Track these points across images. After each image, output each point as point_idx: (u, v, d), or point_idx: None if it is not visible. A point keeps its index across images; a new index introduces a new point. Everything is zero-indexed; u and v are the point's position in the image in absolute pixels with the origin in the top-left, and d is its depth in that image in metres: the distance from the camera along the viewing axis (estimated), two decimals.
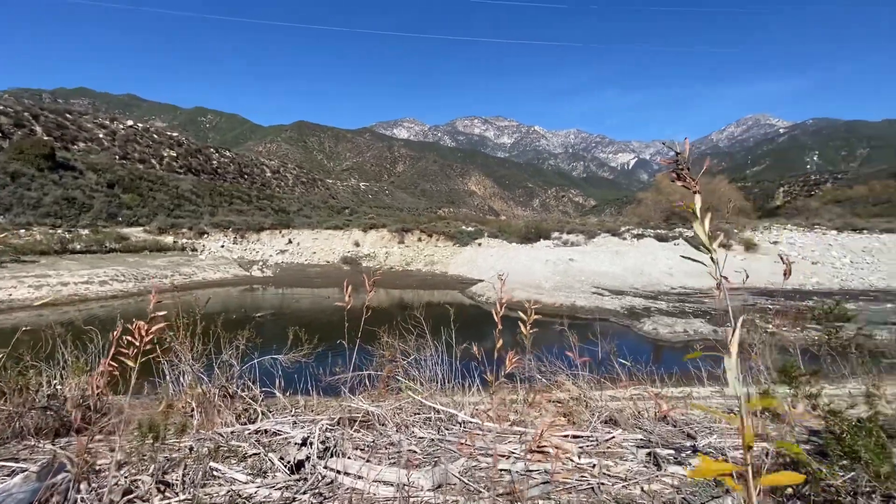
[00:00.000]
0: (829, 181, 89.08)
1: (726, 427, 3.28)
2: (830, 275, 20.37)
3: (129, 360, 1.43)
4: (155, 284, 2.54)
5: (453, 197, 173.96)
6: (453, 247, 27.29)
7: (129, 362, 1.43)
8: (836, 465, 1.74)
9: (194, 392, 3.23)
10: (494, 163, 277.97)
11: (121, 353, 1.93)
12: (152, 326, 1.59)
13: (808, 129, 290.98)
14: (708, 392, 4.82)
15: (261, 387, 3.78)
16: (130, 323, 2.02)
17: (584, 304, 15.18)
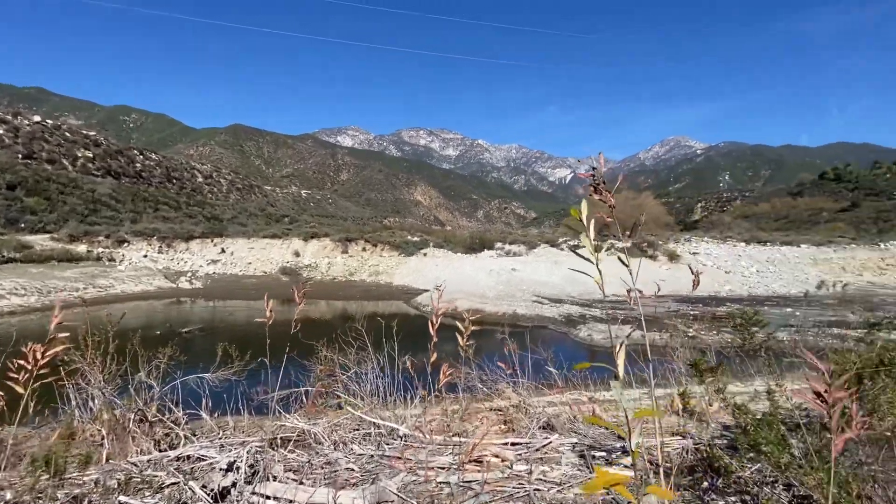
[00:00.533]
0: (738, 198, 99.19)
1: (653, 427, 3.49)
2: (740, 283, 22.56)
3: (19, 387, 1.25)
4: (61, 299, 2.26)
5: (399, 207, 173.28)
6: (399, 257, 27.10)
7: (19, 388, 1.25)
8: (744, 458, 1.90)
9: (104, 418, 2.92)
10: (440, 174, 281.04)
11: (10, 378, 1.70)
12: (50, 348, 1.42)
13: (721, 151, 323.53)
14: (637, 394, 5.12)
15: (185, 409, 3.49)
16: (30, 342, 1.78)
17: (526, 313, 15.63)
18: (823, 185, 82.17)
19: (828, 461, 1.77)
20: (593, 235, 1.11)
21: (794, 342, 4.51)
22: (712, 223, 50.50)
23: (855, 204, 60.15)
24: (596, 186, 1.10)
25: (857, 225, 46.52)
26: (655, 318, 15.04)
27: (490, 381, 4.32)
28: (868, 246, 28.39)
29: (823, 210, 60.58)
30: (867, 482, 1.82)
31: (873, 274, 24.88)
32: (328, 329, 4.59)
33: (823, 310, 16.01)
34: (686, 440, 2.77)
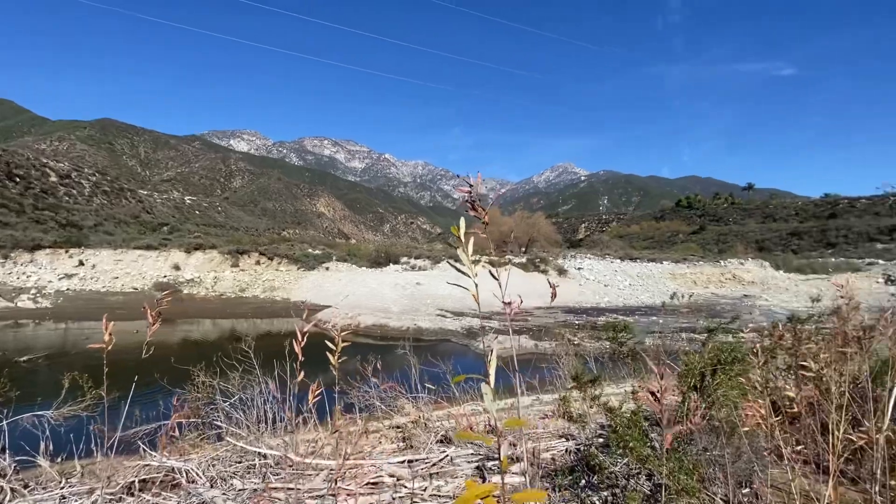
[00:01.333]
0: (614, 220, 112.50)
1: (542, 431, 3.72)
2: (616, 294, 25.41)
3: None
4: None
5: (300, 218, 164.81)
6: (298, 271, 25.65)
7: None
8: (615, 455, 2.10)
9: None
10: (345, 186, 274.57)
11: None
12: None
13: (600, 178, 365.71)
14: (529, 401, 5.43)
15: (16, 455, 2.88)
16: None
17: (429, 326, 15.78)
18: (679, 211, 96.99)
19: (679, 452, 2.04)
20: (471, 251, 1.16)
21: (657, 347, 5.16)
22: (594, 242, 56.50)
23: (702, 228, 71.90)
24: (472, 204, 1.15)
25: (704, 245, 55.52)
26: (547, 327, 16.22)
27: (390, 398, 4.25)
28: (712, 263, 33.96)
29: (679, 232, 71.34)
30: (710, 466, 2.14)
31: (716, 287, 29.80)
32: (212, 351, 4.15)
33: (681, 317, 18.69)
34: (569, 442, 2.99)
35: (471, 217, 1.26)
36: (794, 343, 2.47)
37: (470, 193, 1.12)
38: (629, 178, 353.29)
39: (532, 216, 47.21)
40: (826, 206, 73.65)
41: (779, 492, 1.78)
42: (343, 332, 2.48)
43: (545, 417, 4.25)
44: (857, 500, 2.10)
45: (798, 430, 2.14)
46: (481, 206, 1.14)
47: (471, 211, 1.18)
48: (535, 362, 6.00)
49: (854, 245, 51.43)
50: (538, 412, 4.79)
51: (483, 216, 1.15)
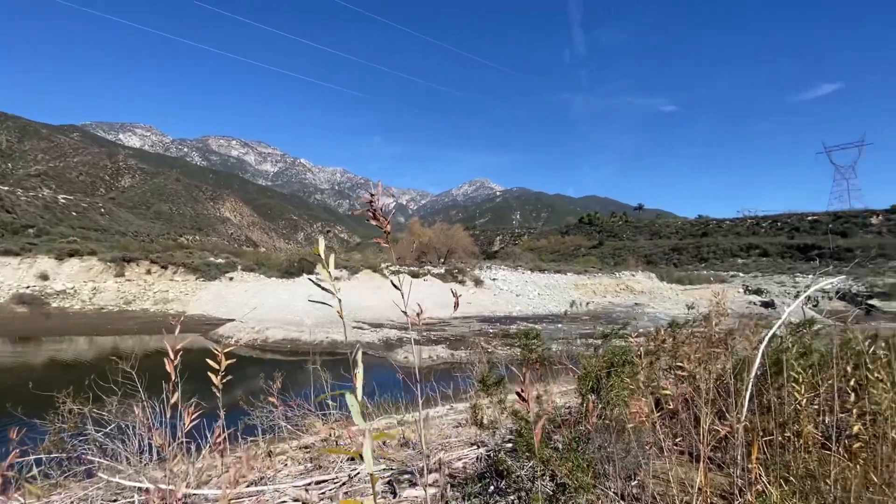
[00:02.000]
0: (525, 234, 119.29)
1: (455, 441, 3.75)
2: (527, 304, 26.82)
3: None
4: None
5: (201, 223, 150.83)
6: (197, 281, 23.37)
7: None
8: (521, 458, 2.18)
9: None
10: (255, 190, 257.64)
11: None
12: None
13: (514, 194, 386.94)
14: (444, 410, 5.47)
15: None
16: None
17: (344, 339, 15.27)
18: (582, 227, 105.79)
19: (576, 450, 2.18)
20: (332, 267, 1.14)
21: (561, 353, 5.50)
22: (507, 254, 59.27)
23: (601, 242, 79.06)
24: (374, 213, 1.14)
25: (602, 258, 61.01)
26: (463, 336, 16.57)
27: (298, 416, 4.01)
28: (609, 275, 37.39)
29: (581, 246, 77.63)
30: (605, 462, 2.31)
31: (612, 296, 32.82)
32: (86, 373, 3.59)
33: (583, 324, 20.22)
34: (480, 449, 3.06)
35: (395, 228, 1.24)
36: (673, 346, 2.79)
37: (371, 203, 1.11)
38: (539, 195, 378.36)
39: (451, 228, 48.26)
40: (700, 226, 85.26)
41: (661, 481, 1.98)
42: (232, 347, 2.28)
43: (459, 426, 4.30)
44: (724, 483, 2.41)
45: (676, 424, 2.41)
46: (383, 215, 1.13)
47: (372, 220, 1.16)
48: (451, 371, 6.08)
49: (721, 260, 60.06)
50: (452, 421, 4.84)
51: (385, 226, 1.14)
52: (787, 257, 56.07)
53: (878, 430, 2.41)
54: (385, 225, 1.13)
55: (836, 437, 2.39)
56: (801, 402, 2.37)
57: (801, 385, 2.34)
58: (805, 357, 2.59)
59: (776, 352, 2.63)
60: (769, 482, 1.97)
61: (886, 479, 2.08)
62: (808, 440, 2.26)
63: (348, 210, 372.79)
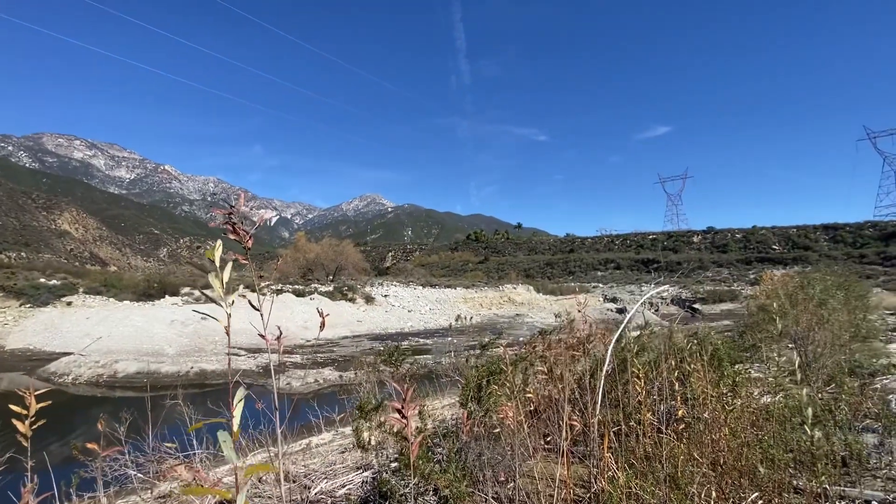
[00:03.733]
0: (417, 250, 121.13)
1: (340, 467, 3.60)
2: (419, 319, 27.11)
3: None
4: None
5: (30, 237, 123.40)
6: (21, 308, 19.03)
7: None
8: (406, 477, 2.19)
9: None
10: (105, 199, 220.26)
11: None
12: None
13: (405, 211, 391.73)
14: (329, 437, 5.21)
15: None
16: None
17: (216, 368, 13.72)
18: (469, 243, 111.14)
19: (457, 462, 2.27)
20: (226, 278, 1.08)
21: (449, 365, 5.66)
22: (399, 269, 59.44)
23: (486, 258, 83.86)
24: (233, 226, 1.09)
25: (488, 273, 64.65)
26: (352, 356, 16.05)
27: (153, 461, 3.47)
28: (494, 288, 39.74)
29: (469, 262, 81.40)
30: (482, 469, 2.43)
31: (497, 308, 34.89)
32: None
33: (470, 336, 21.09)
34: (366, 472, 2.98)
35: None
36: (542, 351, 3.07)
37: (230, 215, 1.05)
38: (430, 212, 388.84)
39: (340, 243, 46.80)
40: (568, 243, 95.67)
41: (532, 479, 2.15)
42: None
43: (345, 451, 4.14)
44: (584, 473, 2.70)
45: (544, 424, 2.65)
46: (244, 228, 1.07)
47: (231, 234, 1.09)
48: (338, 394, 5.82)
49: (585, 272, 67.90)
50: (339, 447, 4.64)
51: (246, 241, 1.09)
52: (635, 269, 65.71)
53: (696, 412, 2.93)
54: (246, 240, 1.07)
55: (667, 422, 2.85)
56: (641, 395, 2.79)
57: (640, 379, 2.76)
58: (642, 354, 3.06)
59: (622, 351, 3.06)
60: (618, 468, 2.26)
61: (702, 451, 2.54)
62: (646, 427, 2.66)
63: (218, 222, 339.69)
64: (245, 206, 1.20)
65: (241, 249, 1.09)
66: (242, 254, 1.11)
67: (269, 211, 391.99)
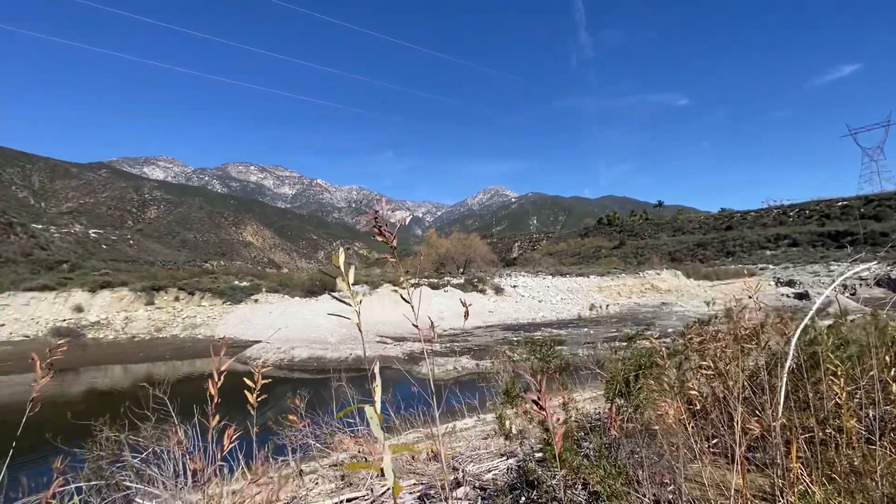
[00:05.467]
0: (544, 239, 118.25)
1: (484, 452, 3.71)
2: (550, 309, 26.48)
3: None
4: None
5: (225, 248, 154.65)
6: (223, 305, 23.92)
7: None
8: (553, 468, 2.15)
9: None
10: (275, 213, 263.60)
11: None
12: None
13: (529, 200, 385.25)
14: (472, 422, 5.42)
15: None
16: None
17: (369, 354, 15.34)
18: (601, 228, 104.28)
19: (608, 457, 2.14)
20: (351, 279, 1.16)
21: (587, 357, 5.41)
22: (527, 260, 58.80)
23: (622, 242, 77.71)
24: (380, 229, 1.16)
25: (625, 258, 59.94)
26: (487, 346, 16.45)
27: (326, 434, 4.04)
28: (632, 275, 36.68)
29: (602, 247, 76.49)
30: (635, 468, 2.25)
31: (638, 296, 32.13)
32: (121, 401, 3.70)
33: (608, 326, 19.83)
34: (510, 460, 3.02)
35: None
36: (701, 344, 2.72)
37: (376, 220, 1.13)
38: (555, 199, 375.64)
39: (468, 237, 48.23)
40: (723, 220, 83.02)
41: (696, 485, 1.92)
42: (264, 369, 2.33)
43: (487, 437, 4.26)
44: (764, 484, 2.32)
45: (709, 425, 2.34)
46: (388, 231, 1.15)
47: (378, 237, 1.18)
48: (476, 382, 6.03)
49: (748, 253, 58.20)
50: (480, 433, 4.80)
51: (391, 241, 1.16)
52: (819, 246, 53.97)
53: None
54: (391, 240, 1.16)
55: (881, 431, 2.28)
56: (842, 396, 2.27)
57: (839, 378, 2.25)
58: (842, 349, 2.49)
59: (810, 344, 2.53)
60: (812, 481, 1.88)
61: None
62: (851, 436, 2.16)
63: (366, 226, 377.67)
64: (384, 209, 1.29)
65: (388, 249, 1.18)
66: (389, 252, 1.20)
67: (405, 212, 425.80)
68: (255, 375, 2.06)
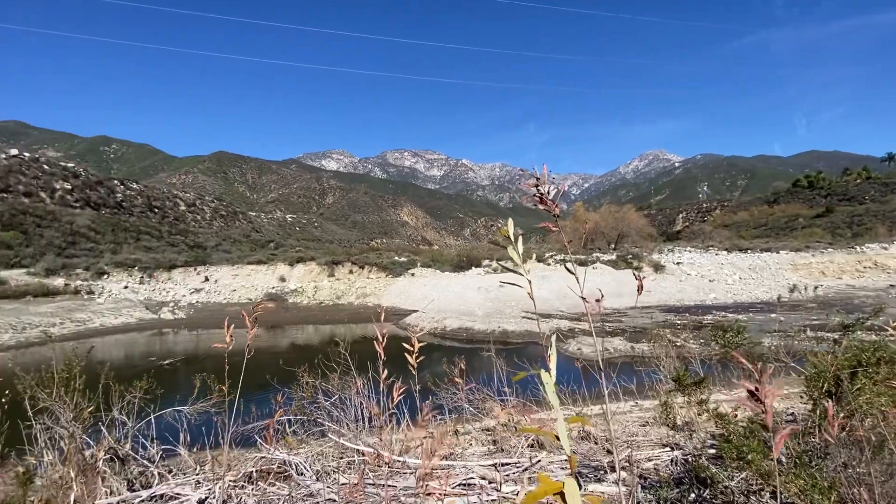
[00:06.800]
0: (717, 208, 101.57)
1: (643, 440, 3.45)
2: (724, 290, 22.87)
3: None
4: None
5: (386, 228, 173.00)
6: (386, 278, 26.93)
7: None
8: (730, 468, 1.87)
9: (73, 459, 2.77)
10: (426, 194, 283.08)
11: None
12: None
13: (698, 163, 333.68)
14: (627, 407, 5.08)
15: (162, 444, 3.36)
16: None
17: (515, 329, 15.56)
18: (797, 192, 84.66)
19: (810, 466, 1.76)
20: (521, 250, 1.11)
21: (777, 347, 4.55)
22: (694, 233, 51.48)
23: (829, 209, 61.97)
24: (541, 197, 1.10)
25: (833, 230, 47.88)
26: (643, 328, 15.12)
27: (478, 400, 4.25)
28: (845, 249, 29.15)
29: (799, 216, 62.28)
30: (852, 485, 1.81)
31: (851, 276, 25.50)
32: (314, 354, 4.49)
33: (807, 313, 16.27)
34: (675, 452, 2.74)
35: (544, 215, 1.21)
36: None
37: (537, 187, 1.08)
38: (732, 160, 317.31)
39: (620, 209, 44.45)
40: None
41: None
42: (420, 334, 2.53)
43: (646, 425, 3.95)
44: None
45: None
46: (550, 199, 1.09)
47: (540, 205, 1.13)
48: (633, 366, 5.60)
49: None
50: (637, 419, 4.47)
51: (554, 210, 1.10)
52: None
53: None
54: (554, 209, 1.10)
55: None
56: None
57: None
58: None
59: None
60: None
61: None
62: None
63: (508, 203, 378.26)
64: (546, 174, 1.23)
65: (551, 218, 1.13)
66: (552, 222, 1.15)
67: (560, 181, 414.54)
68: (413, 340, 2.29)
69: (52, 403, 2.97)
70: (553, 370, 0.93)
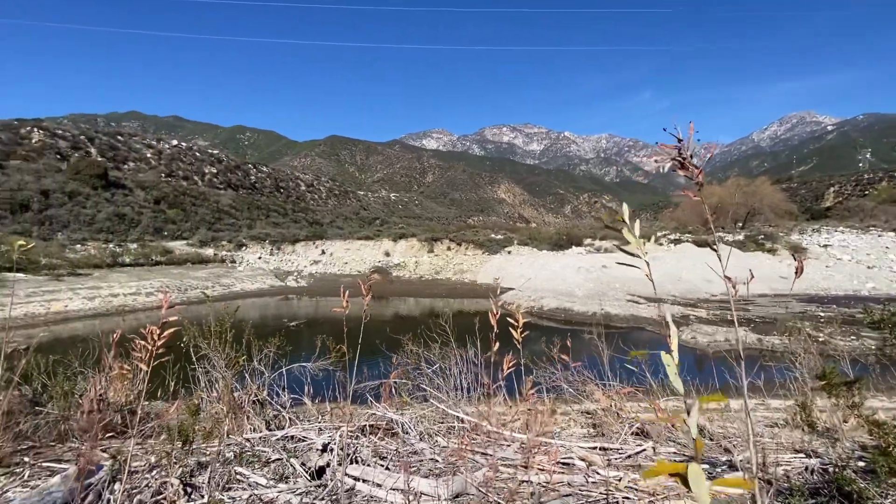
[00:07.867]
0: (883, 179, 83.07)
1: (771, 442, 3.08)
2: (888, 279, 18.94)
3: (143, 364, 1.50)
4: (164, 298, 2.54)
5: (483, 205, 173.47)
6: (482, 255, 27.20)
7: (143, 366, 1.50)
8: (884, 483, 1.59)
9: (226, 398, 3.34)
10: (524, 170, 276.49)
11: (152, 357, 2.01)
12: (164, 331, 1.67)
13: (859, 124, 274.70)
14: (752, 405, 4.55)
15: (290, 394, 3.87)
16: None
17: (619, 313, 14.73)
18: None
19: None
20: (638, 231, 1.02)
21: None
22: (849, 210, 42.90)
23: None
24: (682, 162, 0.99)
25: None
26: (774, 319, 13.26)
27: (578, 382, 4.14)
28: None
29: None
30: None
31: None
32: (416, 325, 4.77)
33: None
34: (811, 459, 2.40)
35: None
36: None
37: (679, 150, 0.97)
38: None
39: (751, 183, 38.80)
40: None
41: None
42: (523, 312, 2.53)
43: (773, 426, 3.51)
44: None
45: None
46: (693, 164, 0.98)
47: (680, 171, 1.02)
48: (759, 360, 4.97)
49: None
50: (763, 419, 4.01)
51: (697, 176, 0.99)
52: None
53: None
54: (698, 175, 1.00)
55: None
56: None
57: None
58: None
59: None
60: None
61: None
62: None
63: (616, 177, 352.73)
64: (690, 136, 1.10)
65: (694, 186, 1.03)
66: (694, 190, 1.05)
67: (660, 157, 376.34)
68: (517, 315, 2.31)
69: (210, 352, 3.58)
70: (675, 353, 0.88)
